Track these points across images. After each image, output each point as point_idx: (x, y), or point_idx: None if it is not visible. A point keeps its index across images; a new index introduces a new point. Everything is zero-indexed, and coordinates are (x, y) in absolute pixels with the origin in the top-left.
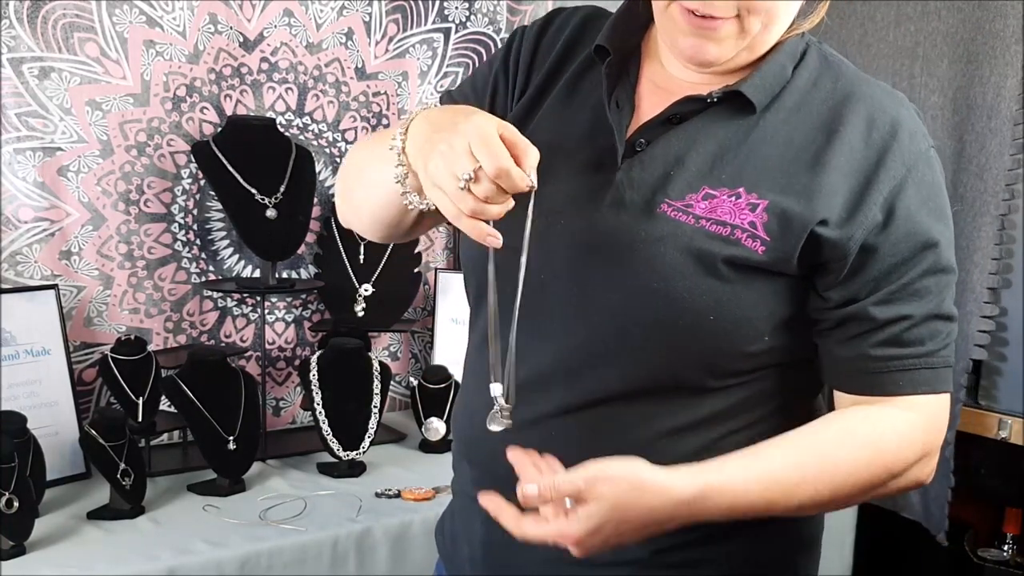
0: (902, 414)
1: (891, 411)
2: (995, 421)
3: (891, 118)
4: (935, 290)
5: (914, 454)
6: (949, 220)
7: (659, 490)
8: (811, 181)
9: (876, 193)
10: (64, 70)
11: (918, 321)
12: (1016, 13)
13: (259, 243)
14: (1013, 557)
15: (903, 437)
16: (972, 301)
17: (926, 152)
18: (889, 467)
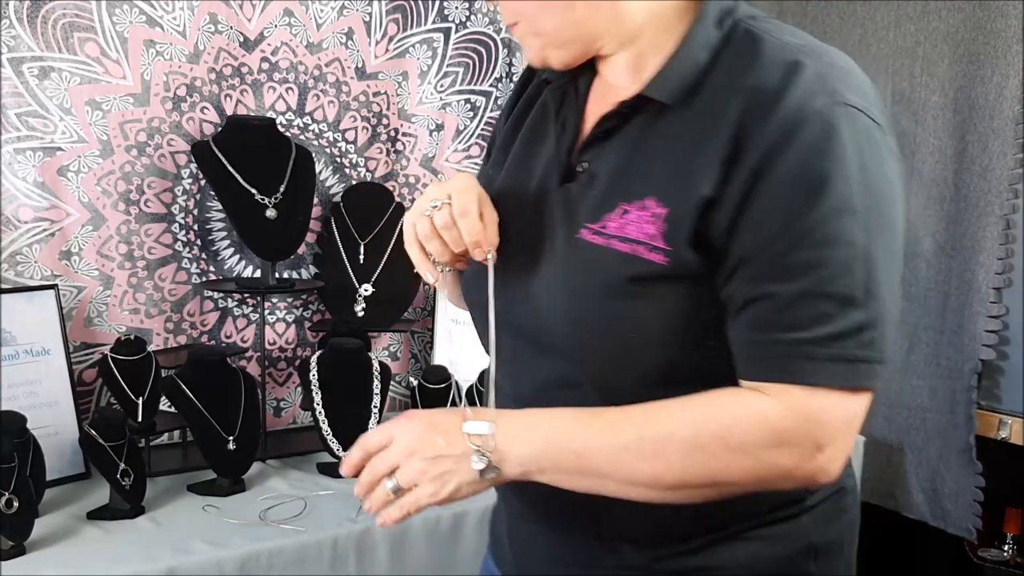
0: (758, 395)
1: (746, 391)
2: (995, 421)
3: (780, 77)
4: (814, 266)
5: (764, 435)
6: (846, 185)
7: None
8: (702, 175)
9: (742, 165)
10: (64, 70)
11: (788, 301)
12: (1016, 13)
13: (259, 243)
14: (1013, 557)
15: (747, 412)
16: (978, 301)
17: (823, 111)
18: (722, 435)
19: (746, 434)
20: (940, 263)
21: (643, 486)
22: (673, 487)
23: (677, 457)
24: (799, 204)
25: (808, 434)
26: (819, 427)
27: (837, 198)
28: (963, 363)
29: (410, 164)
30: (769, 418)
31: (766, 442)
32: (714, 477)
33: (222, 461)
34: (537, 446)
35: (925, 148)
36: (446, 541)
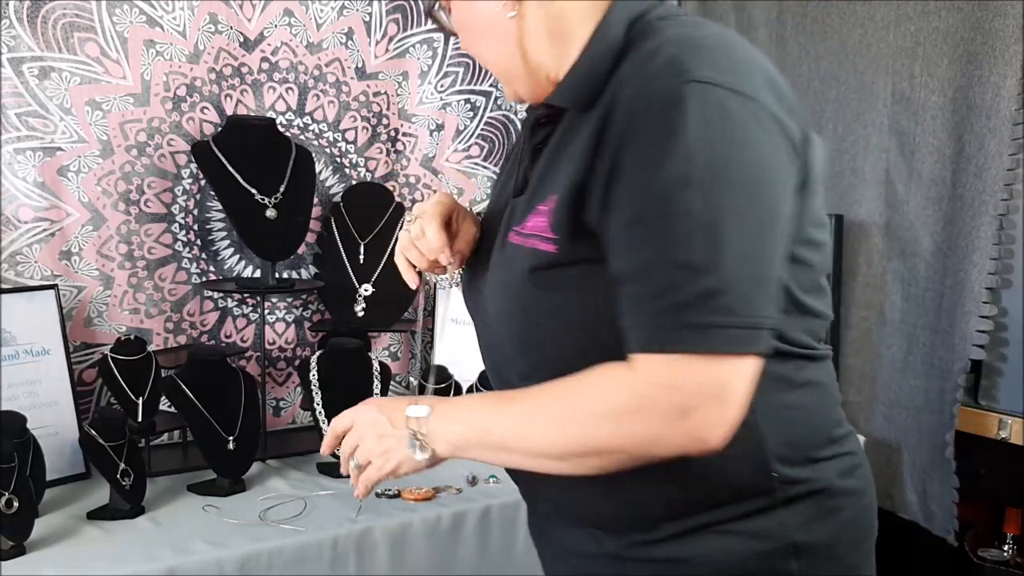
0: (622, 365)
1: (618, 363)
2: (995, 421)
3: (636, 66)
4: (657, 238)
5: (622, 401)
6: (685, 159)
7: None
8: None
9: (604, 153)
10: (64, 70)
11: (639, 274)
12: (1016, 13)
13: (259, 243)
14: (1013, 557)
15: (608, 380)
16: (971, 301)
17: (669, 90)
18: (586, 404)
19: (606, 401)
20: (938, 263)
21: (540, 456)
22: (562, 456)
23: (554, 426)
24: (644, 182)
25: (666, 400)
26: (677, 393)
27: (675, 173)
28: (953, 363)
29: (410, 164)
30: (626, 385)
31: (625, 407)
32: (590, 445)
33: (222, 461)
34: (458, 426)
35: (924, 148)
36: (446, 541)
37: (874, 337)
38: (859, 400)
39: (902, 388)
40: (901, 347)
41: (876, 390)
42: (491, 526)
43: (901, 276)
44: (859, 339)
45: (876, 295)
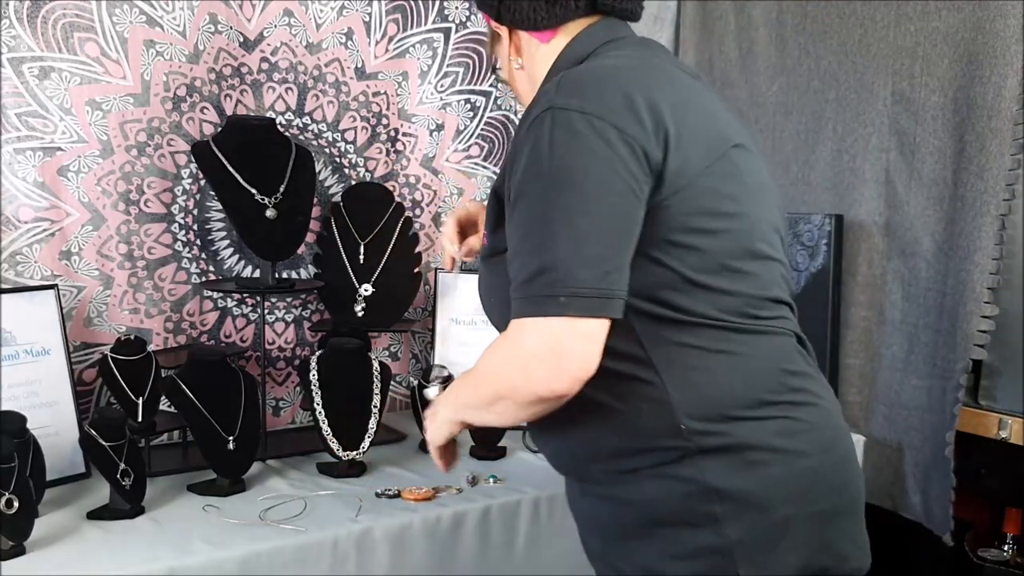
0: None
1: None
2: (995, 421)
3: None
4: (514, 233)
5: (497, 356)
6: (531, 172)
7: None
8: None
9: (509, 169)
10: (64, 70)
11: (509, 262)
12: (1016, 13)
13: (259, 243)
14: (1013, 557)
15: (494, 344)
16: (972, 301)
17: (536, 117)
18: (486, 361)
19: (491, 361)
20: (939, 263)
21: (482, 408)
22: (487, 406)
23: (476, 384)
24: (513, 186)
25: (516, 354)
26: (523, 348)
27: (526, 183)
28: (955, 363)
29: (410, 164)
30: (499, 348)
31: (497, 365)
32: (491, 394)
33: (222, 461)
34: (448, 398)
35: (925, 148)
36: (446, 541)
37: (874, 337)
38: (859, 400)
39: (903, 388)
40: (902, 347)
41: (876, 390)
42: (491, 526)
43: (901, 276)
44: (859, 339)
45: (876, 295)
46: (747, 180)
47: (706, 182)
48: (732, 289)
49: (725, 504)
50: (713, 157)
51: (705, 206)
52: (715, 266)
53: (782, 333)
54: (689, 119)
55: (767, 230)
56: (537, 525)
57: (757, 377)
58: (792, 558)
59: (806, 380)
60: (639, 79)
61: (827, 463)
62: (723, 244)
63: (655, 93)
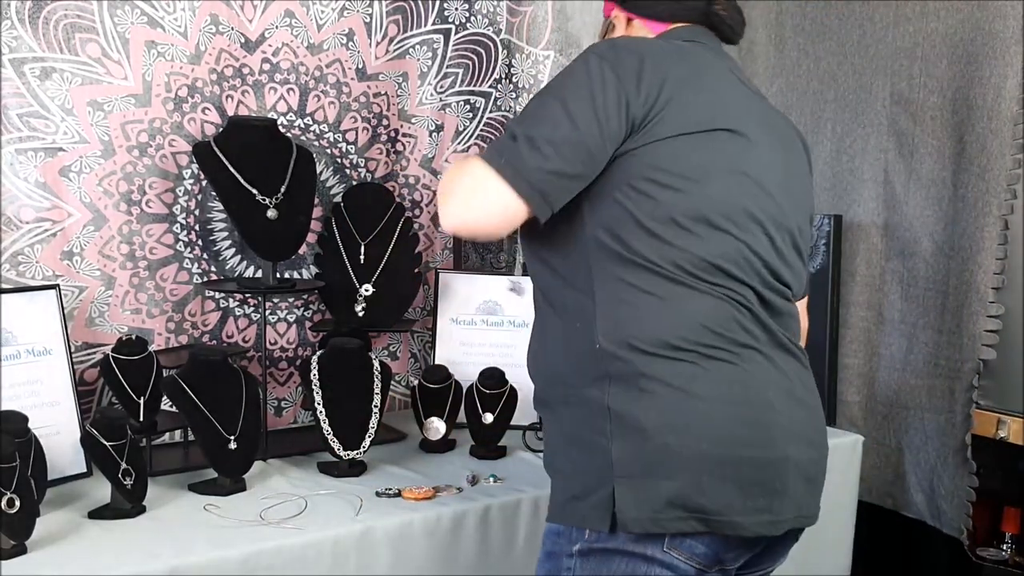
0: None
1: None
2: (994, 420)
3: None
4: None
5: (456, 167)
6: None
7: None
8: None
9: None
10: (66, 71)
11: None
12: (1016, 14)
13: (260, 243)
14: (1012, 556)
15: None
16: (977, 301)
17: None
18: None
19: (458, 166)
20: (938, 263)
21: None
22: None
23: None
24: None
25: (454, 176)
26: (461, 173)
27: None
28: (962, 363)
29: (410, 164)
30: (462, 163)
31: (453, 171)
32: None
33: (223, 460)
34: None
35: (924, 148)
36: (446, 541)
37: (873, 337)
38: (858, 400)
39: (902, 388)
40: (901, 347)
41: (875, 390)
42: (491, 526)
43: (900, 276)
44: (858, 339)
45: (875, 295)
46: (728, 164)
47: (677, 145)
48: (676, 243)
49: (614, 423)
50: (695, 128)
51: (667, 164)
52: (664, 218)
53: (718, 298)
54: (687, 93)
55: (736, 213)
56: (537, 525)
57: (673, 323)
58: (665, 486)
59: (739, 348)
60: (660, 53)
61: (728, 414)
62: (676, 200)
63: (667, 65)
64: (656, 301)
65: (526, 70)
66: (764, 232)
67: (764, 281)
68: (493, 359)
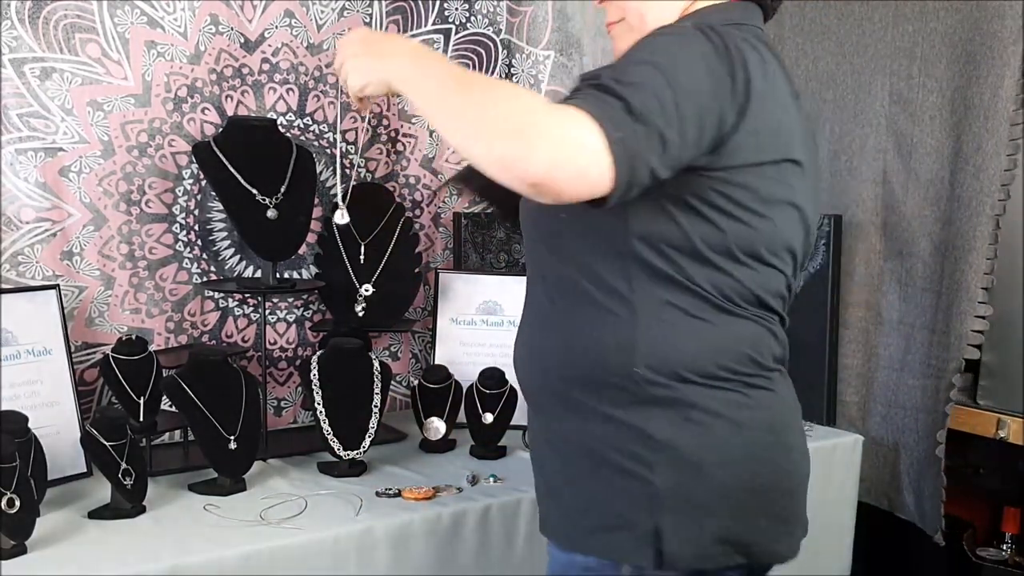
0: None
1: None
2: (994, 421)
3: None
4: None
5: (508, 87)
6: (651, 42)
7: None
8: None
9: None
10: (65, 71)
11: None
12: (1014, 13)
13: (260, 243)
14: (1012, 556)
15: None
16: (966, 301)
17: (670, 28)
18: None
19: (510, 88)
20: (935, 263)
21: (446, 98)
22: (464, 108)
23: (474, 81)
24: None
25: (534, 104)
26: (546, 107)
27: (641, 46)
28: (948, 362)
29: (410, 164)
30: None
31: (513, 91)
32: (482, 107)
33: (223, 460)
34: (413, 51)
35: (922, 148)
36: (446, 541)
37: (872, 337)
38: (857, 400)
39: (900, 388)
40: (899, 347)
41: (874, 390)
42: (491, 526)
43: (899, 276)
44: (857, 339)
45: (873, 295)
46: (786, 196)
47: (751, 176)
48: (731, 273)
49: (661, 453)
50: (769, 158)
51: (739, 195)
52: (722, 247)
53: (757, 324)
54: (765, 114)
55: (780, 248)
56: (537, 524)
57: (720, 351)
58: (715, 521)
59: (770, 372)
60: (754, 63)
61: (770, 443)
62: (738, 232)
63: (753, 75)
64: (705, 328)
65: (526, 70)
66: (795, 263)
67: (786, 306)
68: (493, 359)
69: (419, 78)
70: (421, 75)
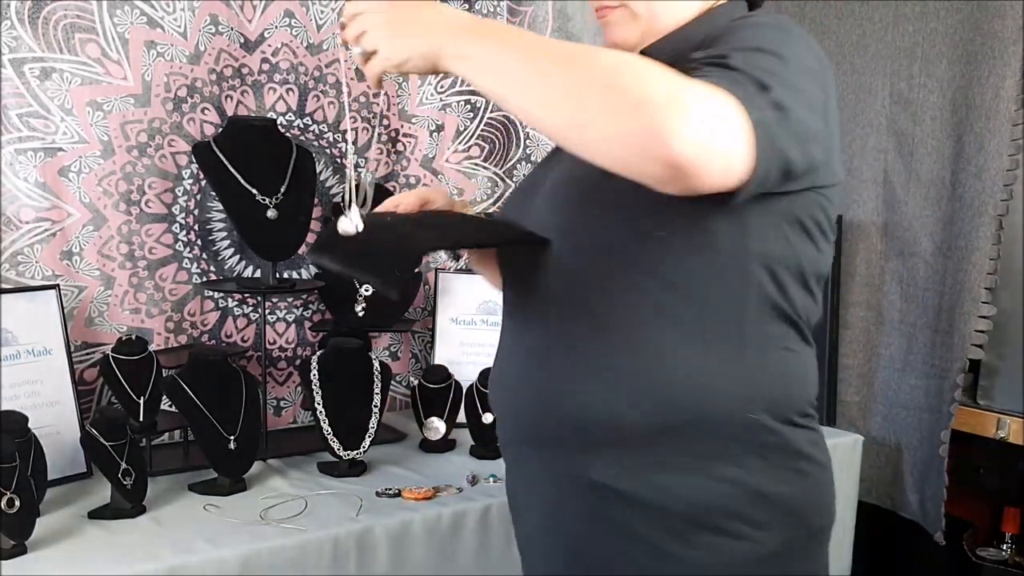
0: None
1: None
2: (994, 421)
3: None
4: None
5: (630, 58)
6: (760, 34)
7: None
8: None
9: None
10: (65, 71)
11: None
12: (1015, 13)
13: (260, 243)
14: (1012, 556)
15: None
16: (969, 301)
17: (758, 20)
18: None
19: (633, 58)
20: (937, 263)
21: (547, 73)
22: (573, 88)
23: (576, 53)
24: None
25: (674, 80)
26: (690, 83)
27: (748, 33)
28: (952, 362)
29: (410, 165)
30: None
31: (640, 64)
32: (601, 75)
33: (223, 460)
34: (463, 24)
35: (923, 148)
36: (446, 541)
37: (873, 337)
38: (857, 400)
39: (901, 388)
40: (900, 347)
41: (875, 390)
42: (491, 526)
43: (900, 276)
44: (858, 339)
45: (874, 295)
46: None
47: (833, 194)
48: (816, 299)
49: (769, 510)
50: (841, 176)
51: (828, 214)
52: (815, 273)
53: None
54: (836, 128)
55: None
56: None
57: (810, 387)
58: (811, 568)
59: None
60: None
61: (832, 477)
62: (826, 256)
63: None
64: (799, 362)
65: None
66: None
67: None
68: (493, 359)
69: (486, 53)
70: (490, 50)
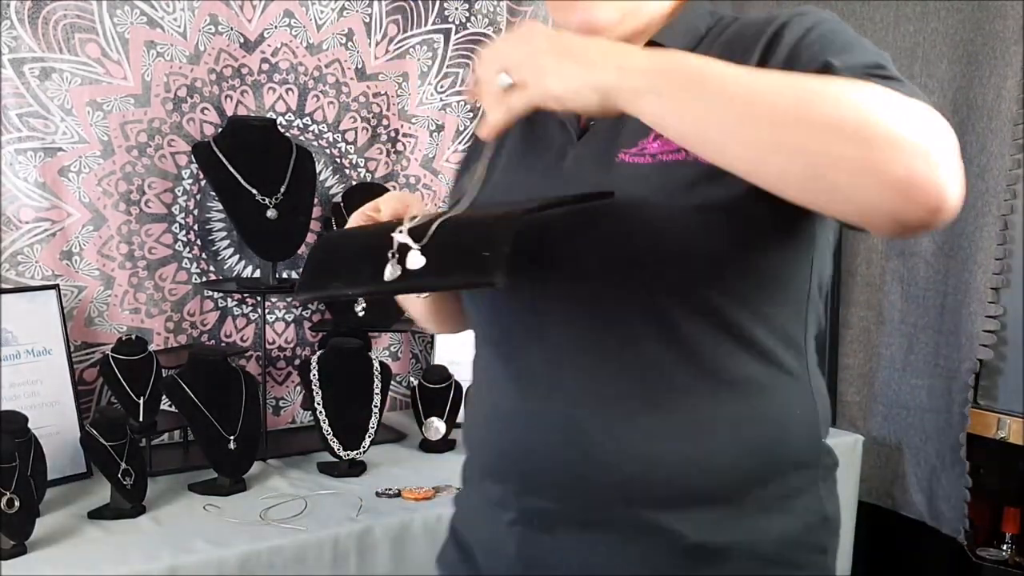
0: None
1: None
2: (994, 421)
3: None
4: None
5: (871, 94)
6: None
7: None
8: None
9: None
10: (65, 71)
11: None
12: (1016, 13)
13: (260, 243)
14: (1012, 556)
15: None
16: (976, 301)
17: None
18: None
19: (871, 93)
20: (938, 263)
21: (763, 116)
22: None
23: (806, 89)
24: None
25: (924, 115)
26: (936, 117)
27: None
28: (960, 363)
29: (410, 165)
30: (877, 91)
31: (885, 104)
32: (842, 127)
33: (223, 460)
34: (641, 62)
35: None
36: None
37: (873, 337)
38: (858, 400)
39: (902, 388)
40: (901, 347)
41: (875, 390)
42: None
43: (900, 276)
44: (858, 339)
45: (875, 295)
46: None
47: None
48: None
49: (831, 533)
50: None
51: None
52: (827, 282)
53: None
54: None
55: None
56: None
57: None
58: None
59: None
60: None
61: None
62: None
63: None
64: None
65: None
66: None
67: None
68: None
69: (685, 94)
70: (688, 88)
